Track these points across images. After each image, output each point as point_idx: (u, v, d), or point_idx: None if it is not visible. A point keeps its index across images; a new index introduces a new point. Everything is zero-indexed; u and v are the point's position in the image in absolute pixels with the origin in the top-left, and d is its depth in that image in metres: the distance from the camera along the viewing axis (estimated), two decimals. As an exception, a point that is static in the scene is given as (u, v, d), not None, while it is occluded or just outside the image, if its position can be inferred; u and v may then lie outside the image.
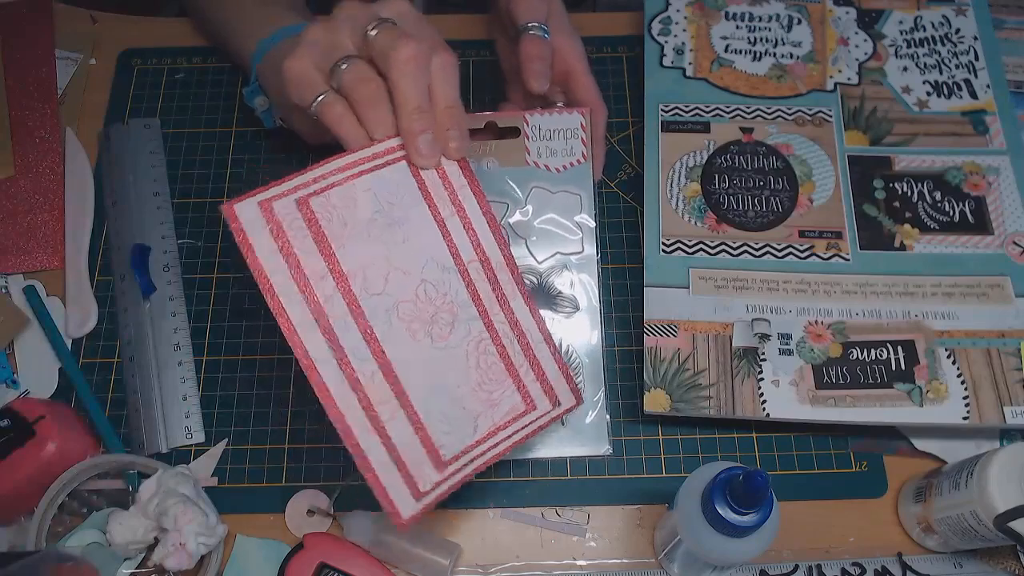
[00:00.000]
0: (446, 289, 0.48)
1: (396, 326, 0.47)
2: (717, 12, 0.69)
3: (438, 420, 0.47)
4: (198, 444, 0.57)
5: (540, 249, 0.59)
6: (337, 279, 0.46)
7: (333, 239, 0.46)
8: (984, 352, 0.55)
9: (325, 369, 0.45)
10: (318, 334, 0.45)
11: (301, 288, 0.45)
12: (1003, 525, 0.46)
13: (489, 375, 0.49)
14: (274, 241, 0.44)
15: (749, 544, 0.44)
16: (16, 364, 0.60)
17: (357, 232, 0.46)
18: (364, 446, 0.45)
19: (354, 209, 0.46)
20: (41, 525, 0.52)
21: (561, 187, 0.59)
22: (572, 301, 0.59)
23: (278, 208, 0.45)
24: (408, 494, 0.46)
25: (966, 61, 0.66)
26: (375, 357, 0.46)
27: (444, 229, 0.48)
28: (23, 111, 0.68)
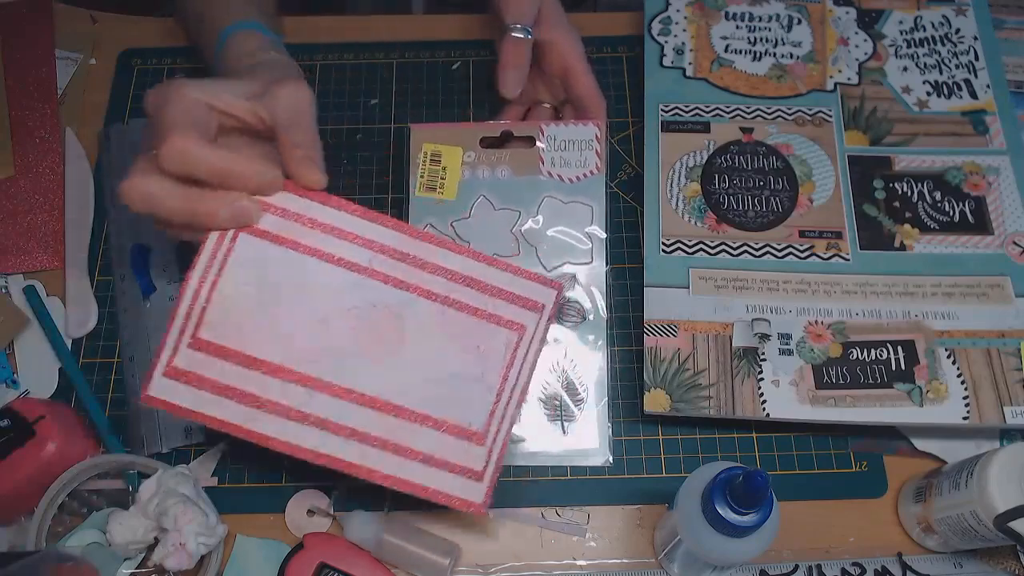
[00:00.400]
0: (372, 300, 0.48)
1: (356, 364, 0.47)
2: (717, 12, 0.69)
3: (450, 406, 0.48)
4: (198, 444, 0.57)
5: (550, 258, 0.59)
6: (278, 374, 0.46)
7: (244, 347, 0.46)
8: (984, 352, 0.55)
9: (332, 449, 0.46)
10: (305, 428, 0.46)
11: (258, 406, 0.46)
12: (1003, 525, 0.46)
13: (463, 333, 0.49)
14: (200, 389, 0.45)
15: (749, 544, 0.44)
16: (16, 364, 0.60)
17: (257, 322, 0.46)
18: (408, 478, 0.47)
19: (239, 307, 0.46)
20: (41, 525, 0.52)
21: (573, 197, 0.60)
22: (579, 311, 0.59)
23: (181, 363, 0.45)
24: (471, 484, 0.47)
25: (966, 61, 0.66)
26: (363, 404, 0.47)
27: (323, 254, 0.47)
28: (23, 111, 0.68)
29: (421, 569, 0.53)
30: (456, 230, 0.59)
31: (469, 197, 0.60)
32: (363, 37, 0.72)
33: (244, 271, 0.46)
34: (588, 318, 0.59)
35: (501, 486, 0.55)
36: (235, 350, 0.45)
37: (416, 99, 0.70)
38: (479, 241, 0.59)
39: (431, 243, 0.49)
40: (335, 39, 0.72)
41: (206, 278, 0.45)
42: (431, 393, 0.48)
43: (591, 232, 0.60)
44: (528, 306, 0.50)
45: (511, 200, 0.60)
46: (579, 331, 0.59)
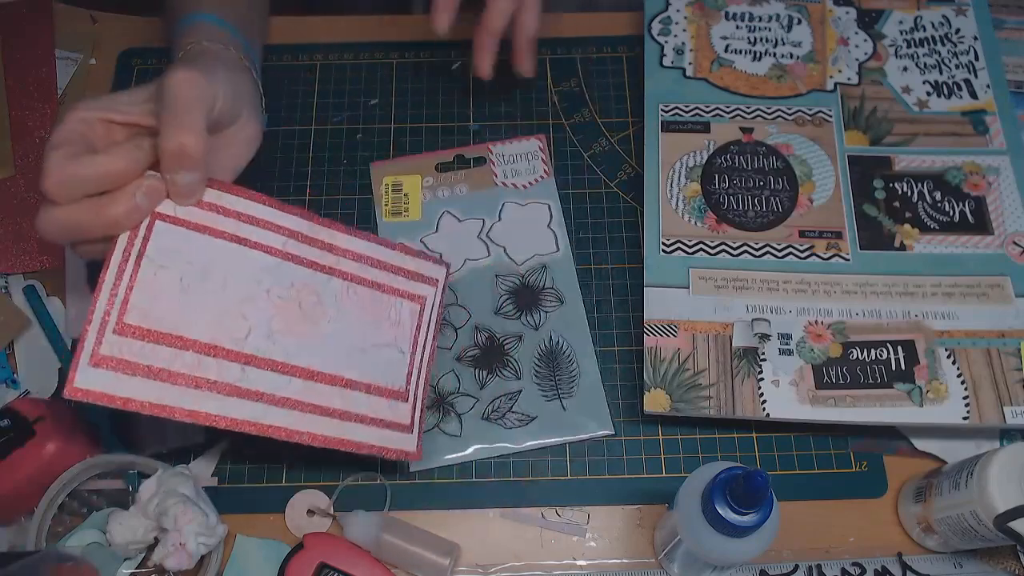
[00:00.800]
0: (290, 279, 0.51)
1: (284, 339, 0.50)
2: (717, 12, 0.69)
3: (373, 370, 0.53)
4: (198, 444, 0.57)
5: (518, 253, 0.63)
6: (210, 352, 0.47)
7: (173, 328, 0.46)
8: (984, 352, 0.55)
9: (273, 420, 0.48)
10: (244, 402, 0.47)
11: (195, 385, 0.46)
12: (1003, 525, 0.46)
13: (374, 306, 0.54)
14: (132, 375, 0.45)
15: (749, 544, 0.44)
16: (16, 364, 0.60)
17: (184, 305, 0.47)
18: (348, 438, 0.51)
19: (162, 292, 0.46)
20: (41, 525, 0.52)
21: (530, 199, 0.65)
22: (556, 295, 0.61)
23: (108, 350, 0.44)
24: (403, 436, 0.53)
25: (966, 61, 0.66)
26: (295, 375, 0.50)
27: (240, 239, 0.49)
28: (23, 111, 0.68)
29: (421, 569, 0.53)
30: (427, 244, 0.64)
31: (434, 214, 0.65)
32: (363, 37, 0.72)
33: (163, 257, 0.46)
34: (564, 301, 0.61)
35: (501, 486, 0.56)
36: (164, 332, 0.46)
37: (416, 99, 0.70)
38: (450, 251, 0.63)
39: (336, 229, 0.53)
40: (335, 39, 0.72)
41: (125, 265, 0.45)
42: (355, 361, 0.52)
43: (552, 226, 0.64)
44: (424, 281, 0.57)
45: (473, 211, 0.65)
46: (560, 313, 0.61)
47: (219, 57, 0.55)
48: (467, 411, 0.58)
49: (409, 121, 0.69)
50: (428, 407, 0.58)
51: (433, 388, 0.58)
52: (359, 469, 0.56)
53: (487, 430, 0.57)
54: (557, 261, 0.63)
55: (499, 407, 0.58)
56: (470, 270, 0.62)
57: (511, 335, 0.60)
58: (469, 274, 0.62)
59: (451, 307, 0.61)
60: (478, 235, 0.64)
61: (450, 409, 0.58)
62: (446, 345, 0.60)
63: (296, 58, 0.71)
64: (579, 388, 0.58)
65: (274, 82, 0.70)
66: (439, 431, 0.57)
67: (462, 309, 0.61)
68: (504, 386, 0.58)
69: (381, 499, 0.55)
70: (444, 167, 0.66)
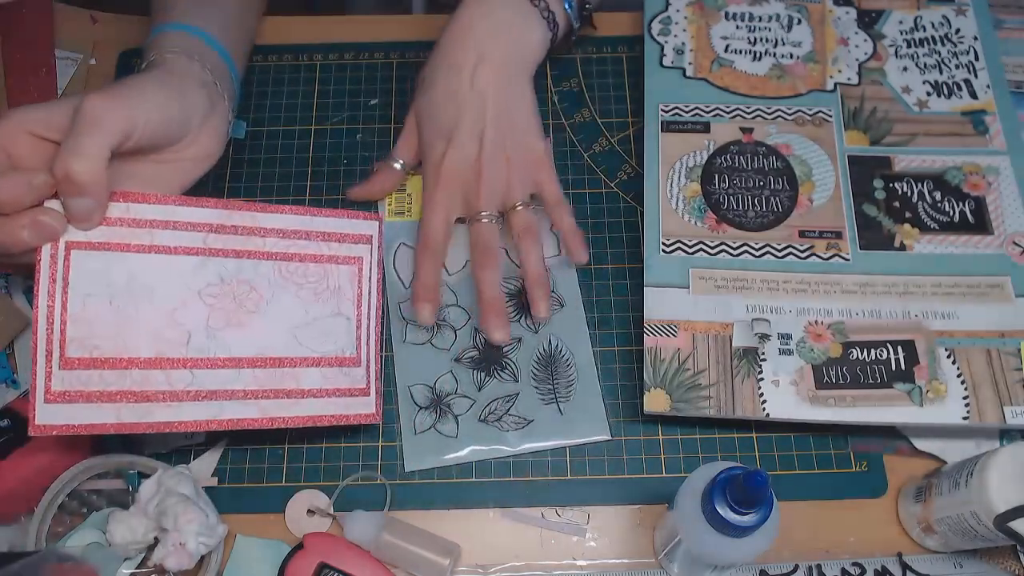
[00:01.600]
0: (219, 275, 0.51)
1: (225, 334, 0.50)
2: (717, 12, 0.69)
3: (321, 343, 0.54)
4: (198, 444, 0.57)
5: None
6: (155, 366, 0.48)
7: (115, 352, 0.47)
8: (984, 352, 0.55)
9: (232, 414, 0.50)
10: (200, 404, 0.49)
11: (148, 399, 0.48)
12: (1003, 525, 0.46)
13: (310, 279, 0.54)
14: (88, 403, 0.46)
15: (749, 544, 0.44)
16: (16, 364, 0.60)
17: (119, 326, 0.48)
18: (308, 414, 0.52)
19: (95, 319, 0.47)
20: (41, 525, 0.52)
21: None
22: (556, 298, 0.61)
23: (59, 386, 0.46)
24: (361, 400, 0.55)
25: (966, 61, 0.66)
26: (243, 367, 0.51)
27: (159, 248, 0.49)
28: (23, 111, 0.68)
29: (421, 569, 0.53)
30: None
31: None
32: (363, 37, 0.72)
33: (87, 284, 0.47)
34: (564, 304, 0.61)
35: (501, 486, 0.56)
36: (107, 357, 0.47)
37: (416, 99, 0.70)
38: (451, 251, 0.62)
39: (255, 210, 0.53)
40: (335, 39, 0.72)
41: (53, 302, 0.46)
42: (301, 338, 0.53)
43: (554, 230, 0.63)
44: (358, 240, 0.57)
45: None
46: (559, 317, 0.61)
47: (175, 72, 0.54)
48: (464, 412, 0.58)
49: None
50: (425, 407, 0.58)
51: (430, 388, 0.58)
52: (359, 469, 0.56)
53: (483, 432, 0.57)
54: (559, 264, 0.63)
55: (496, 409, 0.58)
56: (471, 272, 0.62)
57: (510, 338, 0.60)
58: (470, 276, 0.61)
59: (451, 308, 0.61)
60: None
61: (447, 410, 0.58)
62: (444, 346, 0.60)
63: (296, 58, 0.71)
64: (577, 393, 0.58)
65: (274, 82, 0.70)
66: (435, 431, 0.57)
67: (462, 310, 0.61)
68: (502, 388, 0.58)
69: (381, 499, 0.55)
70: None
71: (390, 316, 0.61)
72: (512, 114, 0.60)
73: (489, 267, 0.58)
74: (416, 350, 0.60)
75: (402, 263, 0.63)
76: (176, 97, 0.51)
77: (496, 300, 0.58)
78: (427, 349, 0.60)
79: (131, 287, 0.48)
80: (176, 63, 0.55)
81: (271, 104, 0.69)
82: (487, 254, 0.58)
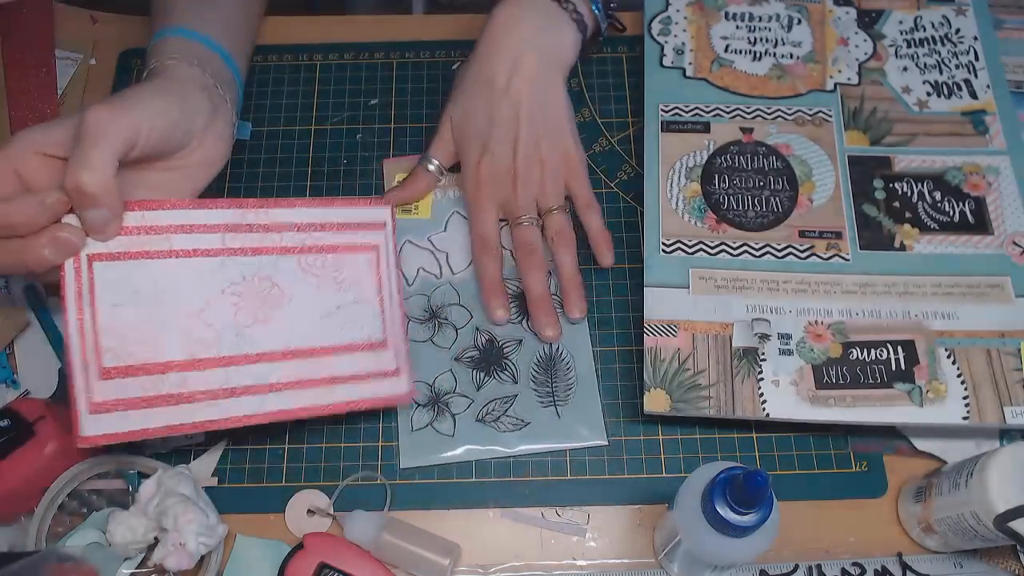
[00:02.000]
0: (240, 273, 0.51)
1: (253, 331, 0.51)
2: (717, 12, 0.69)
3: (347, 330, 0.54)
4: (198, 444, 0.57)
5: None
6: (191, 367, 0.49)
7: (150, 358, 0.48)
8: (984, 352, 0.55)
9: (270, 407, 0.50)
10: (238, 400, 0.50)
11: (189, 400, 0.48)
12: (1003, 525, 0.46)
13: (329, 270, 0.55)
14: (130, 410, 0.47)
15: (749, 544, 0.44)
16: (16, 364, 0.60)
17: (150, 333, 0.48)
18: (344, 400, 0.53)
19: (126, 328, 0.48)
20: (41, 525, 0.52)
21: None
22: (559, 301, 0.61)
23: (100, 396, 0.46)
24: (393, 381, 0.55)
25: (966, 61, 0.66)
26: (275, 360, 0.51)
27: (178, 252, 0.50)
28: (23, 111, 0.68)
29: (421, 569, 0.53)
30: (434, 243, 0.64)
31: (443, 214, 0.65)
32: (363, 37, 0.72)
33: (113, 294, 0.48)
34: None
35: (501, 486, 0.56)
36: (143, 364, 0.48)
37: (416, 99, 0.70)
38: (457, 251, 0.63)
39: (269, 206, 0.53)
40: (335, 39, 0.72)
41: (83, 315, 0.47)
42: (327, 327, 0.53)
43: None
44: (372, 228, 0.57)
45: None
46: (562, 319, 0.60)
47: (176, 78, 0.54)
48: (461, 411, 0.58)
49: (409, 121, 0.69)
50: (423, 404, 0.58)
51: (429, 386, 0.58)
52: (359, 469, 0.56)
53: (480, 431, 0.57)
54: None
55: (494, 410, 0.58)
56: (475, 272, 0.62)
57: (511, 339, 0.60)
58: (474, 276, 0.62)
59: (453, 307, 0.61)
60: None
61: (445, 408, 0.58)
62: (445, 345, 0.60)
63: (296, 58, 0.71)
64: (575, 396, 0.58)
65: (274, 82, 0.70)
66: (432, 429, 0.57)
67: (464, 310, 0.61)
68: (500, 389, 0.58)
69: (381, 499, 0.55)
70: (456, 167, 0.65)
71: None
72: (547, 117, 0.61)
73: (536, 268, 0.59)
74: (416, 347, 0.60)
75: (407, 261, 0.63)
76: (177, 103, 0.52)
77: (545, 298, 0.59)
78: (427, 347, 0.60)
79: (156, 293, 0.49)
80: (176, 69, 0.55)
81: (271, 104, 0.69)
82: (532, 256, 0.59)
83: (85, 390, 0.46)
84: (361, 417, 0.58)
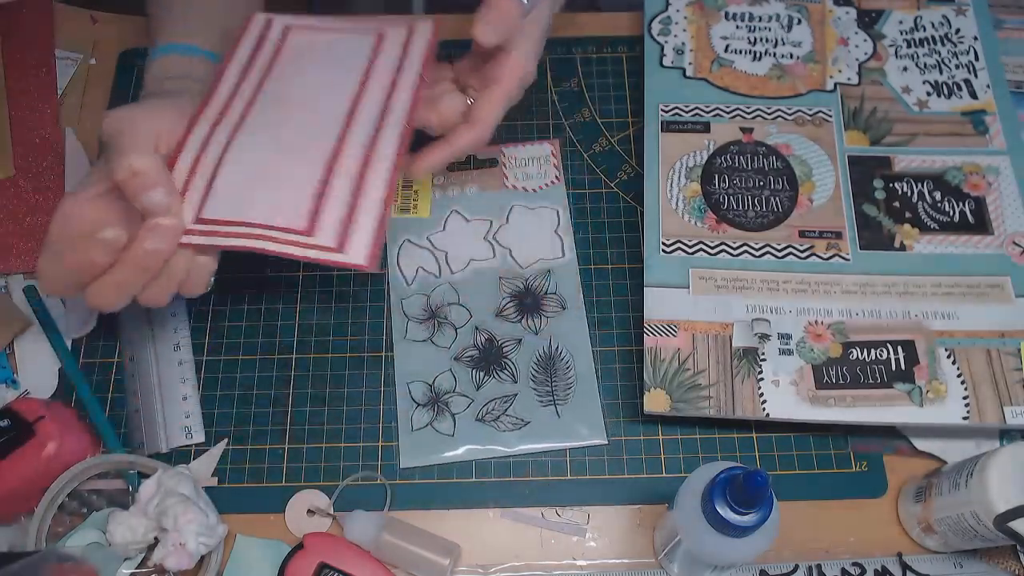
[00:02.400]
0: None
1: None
2: (717, 12, 0.69)
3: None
4: (198, 444, 0.57)
5: (524, 256, 0.63)
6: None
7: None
8: (984, 352, 0.55)
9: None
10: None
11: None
12: (1003, 525, 0.46)
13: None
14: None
15: (749, 544, 0.44)
16: (16, 364, 0.60)
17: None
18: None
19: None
20: (41, 525, 0.52)
21: (539, 204, 0.65)
22: (559, 300, 0.61)
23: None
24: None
25: (966, 61, 0.66)
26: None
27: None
28: (23, 111, 0.68)
29: (421, 569, 0.53)
30: (433, 243, 0.64)
31: (442, 213, 0.65)
32: (363, 37, 0.72)
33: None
34: (566, 307, 0.61)
35: (501, 486, 0.56)
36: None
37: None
38: (455, 249, 0.63)
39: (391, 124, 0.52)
40: (335, 39, 0.72)
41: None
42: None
43: (559, 232, 0.64)
44: (393, 24, 0.57)
45: (481, 212, 0.65)
46: (561, 320, 0.61)
47: (172, 95, 0.54)
48: (461, 411, 0.58)
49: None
50: (423, 404, 0.58)
51: (429, 386, 0.58)
52: (359, 469, 0.56)
53: (480, 431, 0.57)
54: (562, 267, 0.63)
55: (493, 409, 0.58)
56: (474, 271, 0.62)
57: (511, 338, 0.60)
58: (473, 275, 0.62)
59: (452, 306, 0.61)
60: (484, 236, 0.64)
61: (444, 408, 0.58)
62: (445, 344, 0.60)
63: (296, 58, 0.71)
64: (575, 395, 0.58)
65: (274, 82, 0.70)
66: (432, 429, 0.57)
67: (463, 309, 0.61)
68: (500, 389, 0.58)
69: (381, 499, 0.55)
70: (456, 166, 0.66)
71: (392, 313, 0.61)
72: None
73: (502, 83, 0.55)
74: (416, 347, 0.60)
75: (406, 260, 0.63)
76: (186, 108, 0.53)
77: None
78: (427, 346, 0.60)
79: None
80: (175, 89, 0.55)
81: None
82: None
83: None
84: (361, 417, 0.58)
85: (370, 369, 0.59)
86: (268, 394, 0.59)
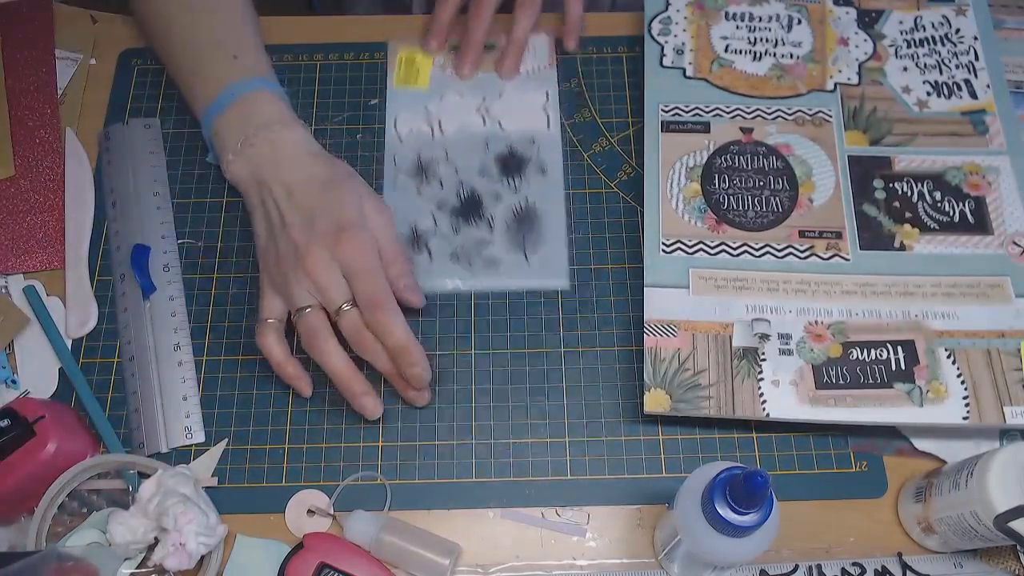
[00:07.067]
0: None
1: None
2: (717, 12, 0.69)
3: None
4: (198, 444, 0.57)
5: (511, 125, 0.68)
6: None
7: None
8: (984, 352, 0.55)
9: None
10: None
11: None
12: (1003, 525, 0.46)
13: None
14: None
15: (749, 544, 0.44)
16: (16, 364, 0.60)
17: None
18: None
19: None
20: (41, 525, 0.52)
21: (531, 84, 0.70)
22: (539, 165, 0.66)
23: None
24: None
25: (966, 61, 0.66)
26: None
27: None
28: (23, 111, 0.68)
29: (421, 569, 0.53)
30: (429, 109, 0.69)
31: (440, 87, 0.70)
32: (363, 37, 0.72)
33: None
34: (546, 172, 0.66)
35: (501, 486, 0.56)
36: None
37: (416, 99, 0.70)
38: (449, 118, 0.68)
39: None
40: (335, 39, 0.72)
41: None
42: None
43: (547, 109, 0.69)
44: None
45: (477, 88, 0.70)
46: (540, 181, 0.65)
47: (342, 170, 0.59)
48: (438, 249, 0.63)
49: (409, 121, 0.69)
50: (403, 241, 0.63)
51: (411, 228, 0.63)
52: (359, 469, 0.56)
53: (453, 267, 0.62)
54: (547, 137, 0.67)
55: (468, 250, 0.63)
56: (465, 135, 0.67)
57: (491, 192, 0.65)
58: (463, 138, 0.67)
59: (441, 163, 0.66)
60: (477, 109, 0.69)
61: (424, 245, 0.63)
62: (430, 194, 0.65)
63: (296, 58, 0.71)
64: (545, 245, 0.63)
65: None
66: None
67: (451, 166, 0.66)
68: (476, 234, 0.63)
69: (381, 499, 0.55)
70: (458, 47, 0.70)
71: (384, 166, 0.66)
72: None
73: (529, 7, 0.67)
74: (403, 193, 0.65)
75: (401, 123, 0.68)
76: (377, 196, 0.60)
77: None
78: (412, 195, 0.65)
79: None
80: (286, 139, 0.59)
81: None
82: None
83: None
84: (361, 417, 0.58)
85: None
86: (268, 394, 0.59)
